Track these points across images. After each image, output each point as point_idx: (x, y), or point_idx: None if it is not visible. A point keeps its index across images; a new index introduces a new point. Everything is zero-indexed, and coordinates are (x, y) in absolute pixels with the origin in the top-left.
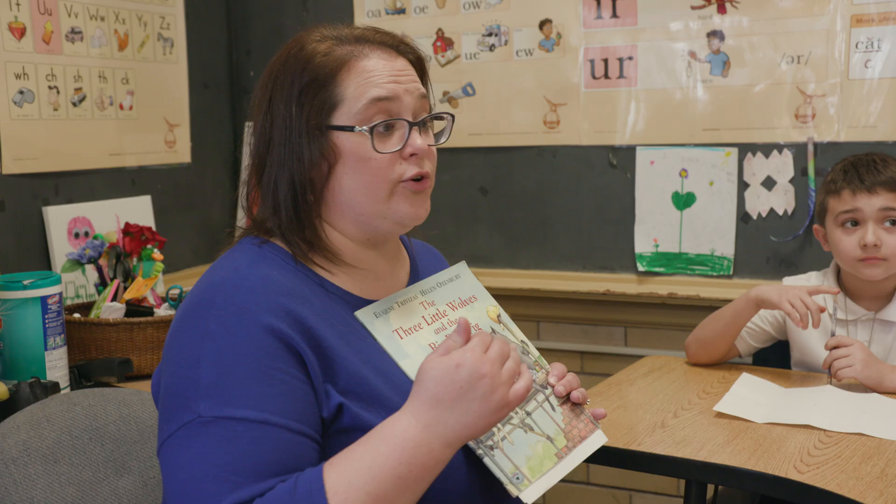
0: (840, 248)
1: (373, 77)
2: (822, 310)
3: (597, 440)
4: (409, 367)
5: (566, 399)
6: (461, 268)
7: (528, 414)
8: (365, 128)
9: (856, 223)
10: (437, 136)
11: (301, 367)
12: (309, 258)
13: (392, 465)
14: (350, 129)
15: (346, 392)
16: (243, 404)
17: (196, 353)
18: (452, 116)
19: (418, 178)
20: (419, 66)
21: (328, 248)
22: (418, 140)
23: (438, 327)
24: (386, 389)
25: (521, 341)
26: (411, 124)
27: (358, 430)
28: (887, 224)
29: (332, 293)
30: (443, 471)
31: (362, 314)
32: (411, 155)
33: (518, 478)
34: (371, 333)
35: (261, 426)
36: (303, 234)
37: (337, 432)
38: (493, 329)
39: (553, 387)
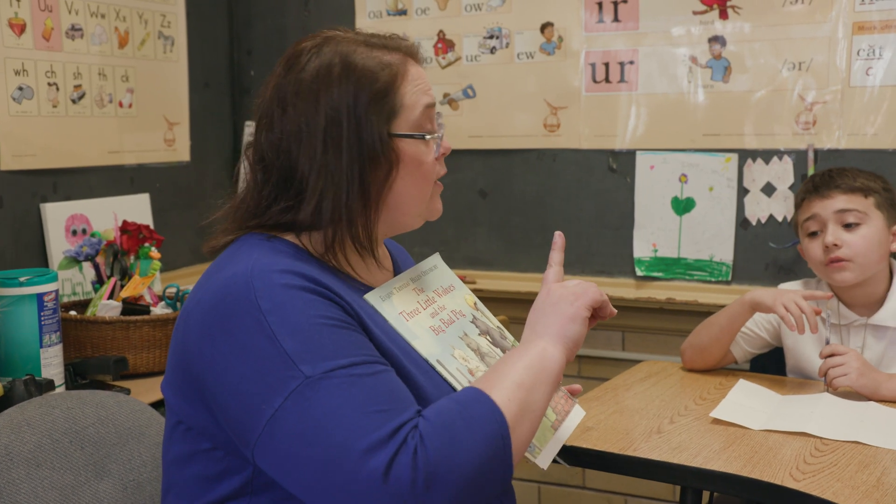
0: (809, 256)
1: (420, 85)
2: (818, 312)
3: (578, 414)
4: (421, 346)
5: None
6: (437, 259)
7: None
8: (438, 135)
9: (818, 232)
10: None
11: (350, 316)
12: (333, 252)
13: (519, 370)
14: (420, 136)
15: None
16: (343, 354)
17: (260, 333)
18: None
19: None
20: None
21: (373, 246)
22: (446, 142)
23: (433, 312)
24: (409, 366)
25: (497, 326)
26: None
27: None
28: (849, 227)
29: (343, 280)
30: None
31: (371, 297)
32: (442, 155)
33: (531, 447)
34: (382, 315)
35: (367, 366)
36: (358, 234)
37: None
38: (473, 315)
39: None
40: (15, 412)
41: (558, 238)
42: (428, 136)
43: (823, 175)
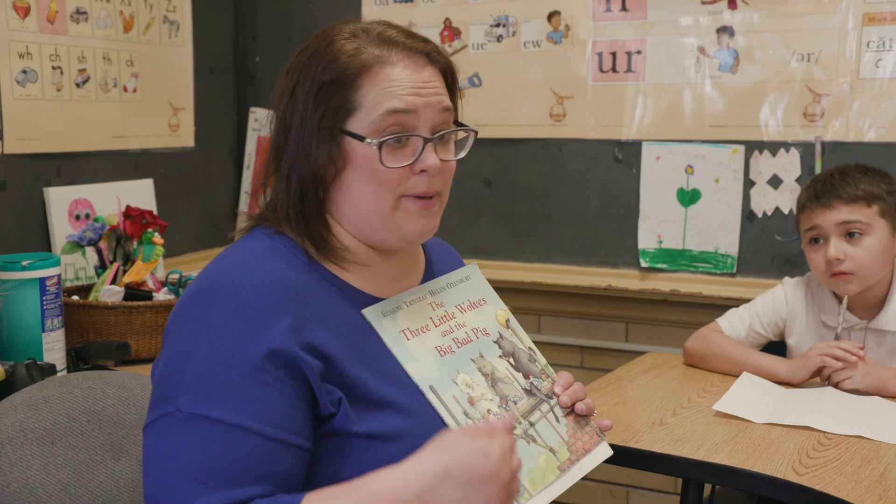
0: (811, 265)
1: (393, 87)
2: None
3: (601, 453)
4: (415, 370)
5: (571, 409)
6: (472, 269)
7: (532, 425)
8: (375, 141)
9: (820, 239)
10: (460, 147)
11: (293, 372)
12: (320, 254)
13: None
14: (361, 138)
15: (345, 392)
16: (222, 404)
17: (190, 343)
18: (475, 132)
19: (427, 196)
20: (449, 76)
21: (334, 246)
22: (431, 157)
23: (446, 330)
24: (388, 392)
25: (529, 348)
26: (426, 140)
27: (346, 435)
28: (852, 237)
29: (342, 291)
30: None
31: (369, 313)
32: (422, 171)
33: (519, 490)
34: (377, 333)
35: (235, 430)
36: (309, 231)
37: (329, 434)
38: (500, 334)
39: (558, 397)
40: (35, 390)
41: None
42: (368, 140)
43: (825, 181)
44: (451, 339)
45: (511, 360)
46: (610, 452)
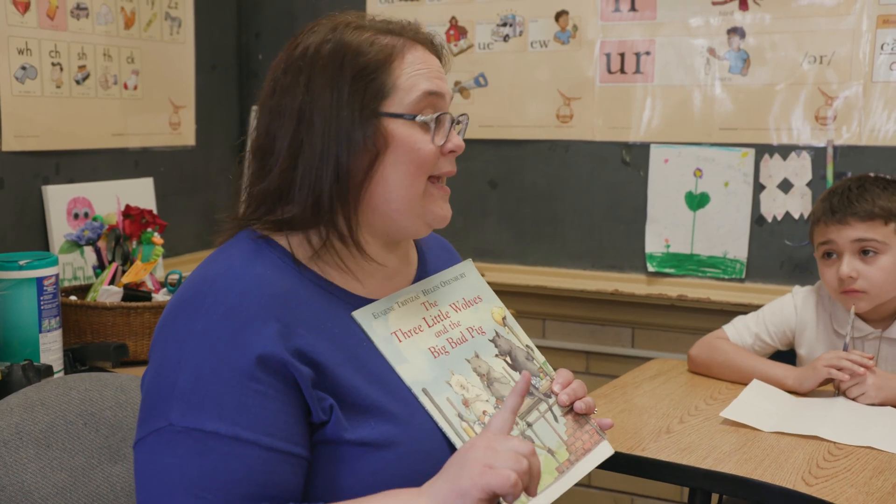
0: (823, 279)
1: (422, 70)
2: (862, 365)
3: (602, 452)
4: (407, 373)
5: (570, 408)
6: (467, 266)
7: (529, 425)
8: (429, 117)
9: (833, 254)
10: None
11: (284, 378)
12: (317, 256)
13: None
14: (412, 117)
15: (336, 398)
16: (215, 416)
17: (178, 353)
18: (468, 118)
19: (444, 179)
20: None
21: (357, 241)
22: (456, 137)
23: (439, 330)
24: (380, 396)
25: (526, 346)
26: (453, 121)
27: (339, 443)
28: (866, 255)
29: (331, 294)
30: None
31: (360, 315)
32: (450, 151)
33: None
34: (368, 336)
35: (231, 442)
36: (337, 225)
37: (322, 442)
38: (496, 332)
39: (557, 395)
40: (31, 391)
41: (522, 381)
42: (419, 118)
43: (842, 194)
44: (446, 339)
45: (507, 358)
46: (611, 451)
